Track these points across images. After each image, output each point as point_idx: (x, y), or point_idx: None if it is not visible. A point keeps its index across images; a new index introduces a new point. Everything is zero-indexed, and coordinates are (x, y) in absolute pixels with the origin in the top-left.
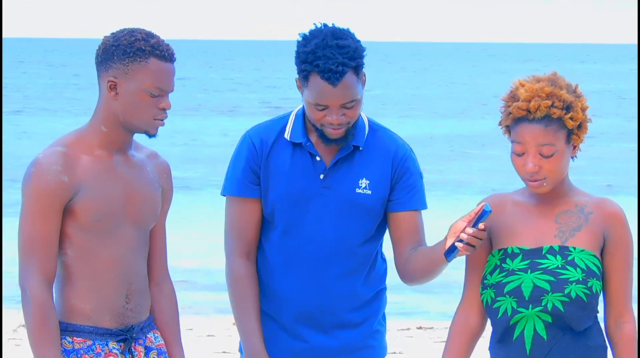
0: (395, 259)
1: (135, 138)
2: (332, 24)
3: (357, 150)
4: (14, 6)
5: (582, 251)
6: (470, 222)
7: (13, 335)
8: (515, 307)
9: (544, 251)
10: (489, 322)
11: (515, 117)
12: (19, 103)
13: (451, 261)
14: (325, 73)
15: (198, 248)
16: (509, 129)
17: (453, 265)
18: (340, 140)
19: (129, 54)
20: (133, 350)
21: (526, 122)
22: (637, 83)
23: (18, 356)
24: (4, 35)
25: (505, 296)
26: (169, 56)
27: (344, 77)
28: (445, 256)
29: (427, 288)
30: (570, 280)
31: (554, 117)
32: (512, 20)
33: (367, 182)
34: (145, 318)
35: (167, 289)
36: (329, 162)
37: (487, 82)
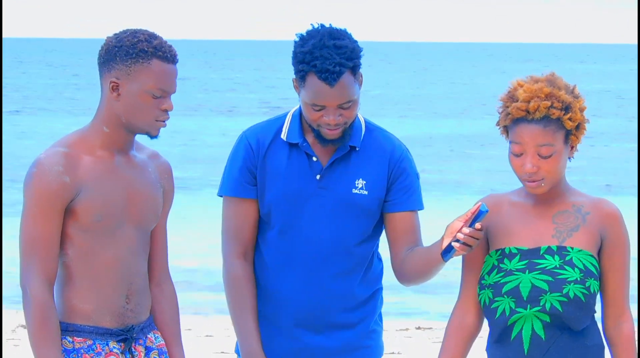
0: (391, 259)
1: (136, 138)
2: (330, 24)
3: (353, 150)
4: (14, 6)
5: (580, 251)
6: (466, 222)
7: (12, 335)
8: (513, 307)
9: (541, 252)
10: (485, 323)
11: (514, 118)
12: (18, 103)
13: (448, 261)
14: (323, 73)
15: (198, 248)
16: (506, 130)
17: (452, 265)
18: (337, 140)
19: (131, 55)
20: (133, 350)
21: (525, 123)
22: (637, 83)
23: (17, 356)
24: (4, 35)
25: (504, 297)
26: (171, 57)
27: (341, 78)
28: (442, 256)
29: (426, 289)
30: (569, 280)
31: (552, 118)
32: (512, 20)
33: (364, 182)
34: (146, 318)
35: (168, 289)
36: (326, 162)
37: (487, 82)
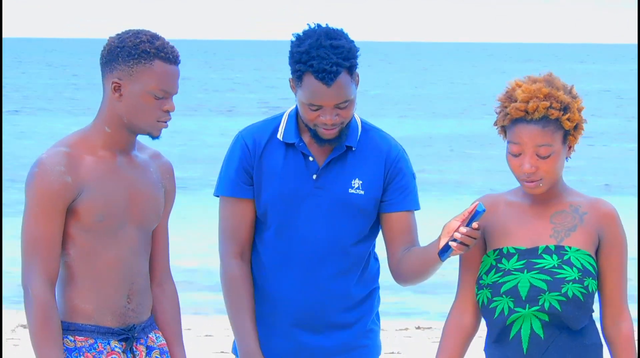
0: (388, 259)
1: (138, 138)
2: (326, 24)
3: (349, 150)
4: (14, 6)
5: (577, 250)
6: (463, 221)
7: (11, 335)
8: (512, 307)
9: (539, 251)
10: (482, 323)
11: (512, 118)
12: (17, 103)
13: (445, 260)
14: (320, 73)
15: (198, 248)
16: (504, 130)
17: (452, 265)
18: (334, 140)
19: (133, 55)
20: (135, 349)
21: (524, 123)
22: (637, 83)
23: (17, 356)
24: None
25: (502, 296)
26: (173, 58)
27: (338, 78)
28: (439, 256)
29: (426, 289)
30: (567, 279)
31: (551, 118)
32: (512, 20)
33: (360, 182)
34: (147, 318)
35: (169, 289)
36: (322, 162)
37: (487, 82)
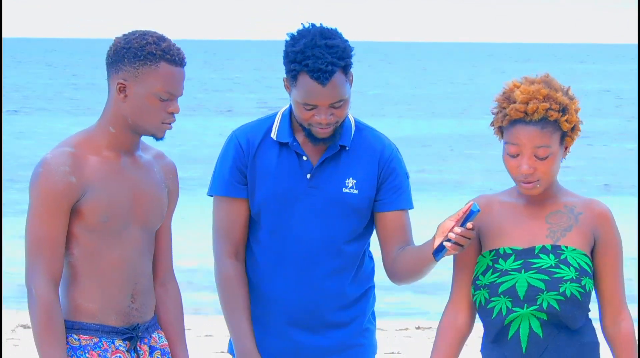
0: (383, 258)
1: (142, 138)
2: (320, 23)
3: (343, 150)
4: (14, 6)
5: (574, 250)
6: (458, 221)
7: (11, 335)
8: (510, 307)
9: (536, 251)
10: (477, 323)
11: (511, 119)
12: (17, 103)
13: (439, 260)
14: (315, 73)
15: (198, 248)
16: (501, 130)
17: (451, 265)
18: (328, 139)
19: (139, 57)
20: (138, 348)
21: (522, 124)
22: (637, 83)
23: (17, 356)
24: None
25: (500, 297)
26: (179, 60)
27: (333, 77)
28: (434, 256)
29: (425, 289)
30: (565, 278)
31: (550, 120)
32: (512, 20)
33: (354, 181)
34: (150, 318)
35: (172, 289)
36: (316, 162)
37: (487, 82)
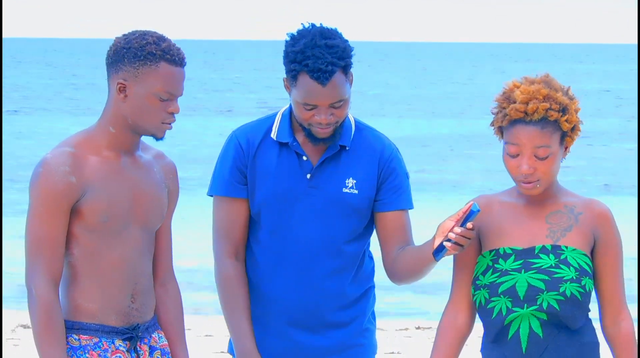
0: (383, 258)
1: (142, 138)
2: (320, 23)
3: (343, 150)
4: (14, 6)
5: (574, 250)
6: (458, 221)
7: (11, 335)
8: (510, 307)
9: (536, 251)
10: (477, 324)
11: (511, 119)
12: (16, 103)
13: (439, 260)
14: (315, 73)
15: (198, 248)
16: (500, 130)
17: (451, 265)
18: (328, 139)
19: (139, 57)
20: (138, 348)
21: (523, 124)
22: (637, 83)
23: (17, 356)
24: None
25: (500, 297)
26: (179, 60)
27: (333, 77)
28: (434, 256)
29: (426, 289)
30: (565, 278)
31: (550, 120)
32: (512, 20)
33: (354, 181)
34: (150, 318)
35: (172, 289)
36: (316, 162)
37: (487, 82)
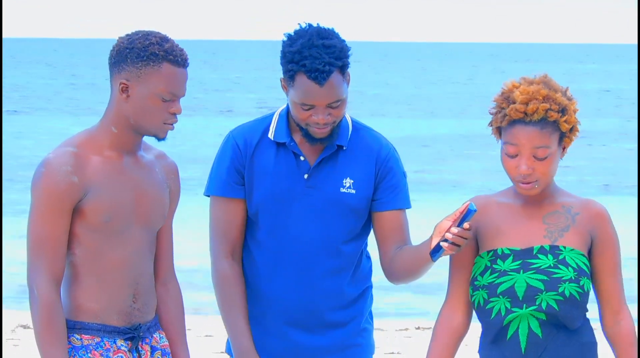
0: (380, 258)
1: (143, 138)
2: (317, 23)
3: (340, 149)
4: (14, 6)
5: (572, 250)
6: (455, 221)
7: (11, 335)
8: (509, 307)
9: (534, 251)
10: (473, 324)
11: (511, 119)
12: (16, 103)
13: (436, 260)
14: (312, 73)
15: (198, 248)
16: (499, 130)
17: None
18: (325, 139)
19: (142, 57)
20: (140, 348)
21: (522, 125)
22: (637, 83)
23: (17, 356)
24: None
25: (499, 297)
26: (182, 61)
27: (330, 77)
28: (431, 256)
29: (426, 289)
30: (563, 278)
31: (550, 120)
32: (512, 20)
33: (351, 181)
34: (152, 318)
35: (173, 289)
36: (313, 162)
37: (487, 82)
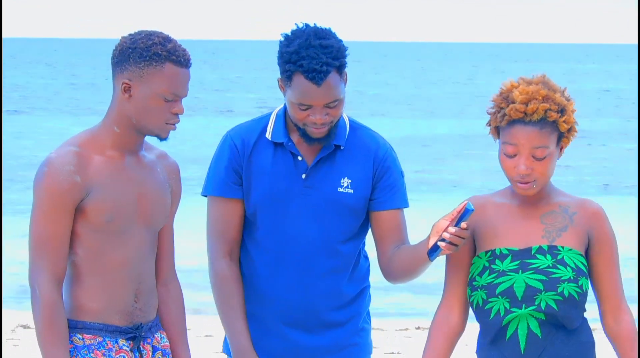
0: (378, 257)
1: (145, 138)
2: (314, 23)
3: (338, 149)
4: (14, 6)
5: (570, 250)
6: (452, 221)
7: (11, 335)
8: (508, 307)
9: (533, 251)
10: (469, 325)
11: (510, 119)
12: (16, 103)
13: (434, 260)
14: (310, 73)
15: (198, 248)
16: (497, 130)
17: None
18: (323, 139)
19: (145, 57)
20: (142, 348)
21: (521, 125)
22: (637, 83)
23: (17, 356)
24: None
25: (498, 297)
26: (184, 61)
27: (327, 77)
28: (428, 256)
29: (425, 289)
30: (562, 278)
31: (549, 121)
32: (512, 20)
33: (349, 181)
34: (153, 317)
35: (174, 289)
36: (311, 161)
37: (487, 82)
